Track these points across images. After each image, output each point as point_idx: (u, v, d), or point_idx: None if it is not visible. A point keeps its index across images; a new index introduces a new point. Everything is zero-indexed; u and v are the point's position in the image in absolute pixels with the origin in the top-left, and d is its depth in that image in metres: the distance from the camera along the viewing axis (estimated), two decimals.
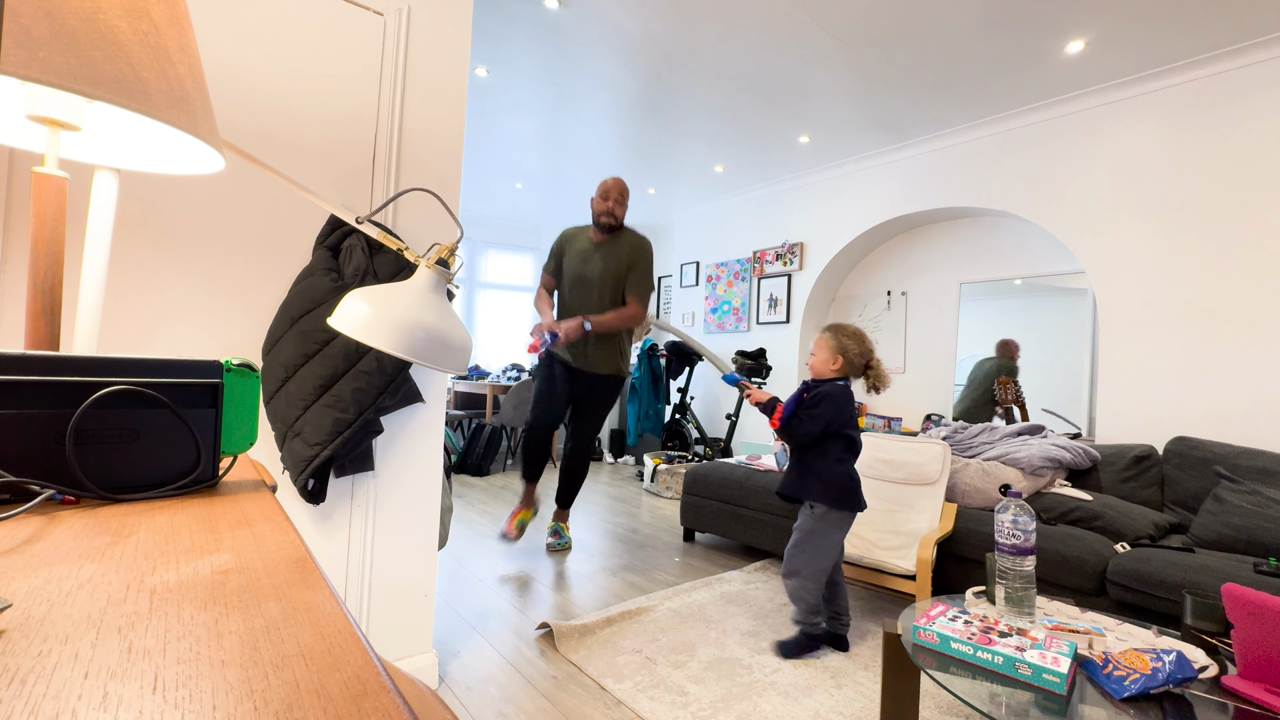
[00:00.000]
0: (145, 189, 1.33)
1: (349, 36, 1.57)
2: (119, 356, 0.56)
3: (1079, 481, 2.71)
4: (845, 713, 1.70)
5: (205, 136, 0.67)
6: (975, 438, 3.02)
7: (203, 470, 0.60)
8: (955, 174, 3.74)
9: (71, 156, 0.75)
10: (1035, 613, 1.41)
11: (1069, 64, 2.89)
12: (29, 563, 0.38)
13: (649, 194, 5.28)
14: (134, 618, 0.32)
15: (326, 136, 1.55)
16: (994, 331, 3.99)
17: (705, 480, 3.24)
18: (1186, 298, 2.82)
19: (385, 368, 1.37)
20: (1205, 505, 2.33)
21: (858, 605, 2.51)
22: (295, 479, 1.33)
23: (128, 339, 1.31)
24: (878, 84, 3.18)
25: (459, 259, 0.94)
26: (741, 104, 3.47)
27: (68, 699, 0.24)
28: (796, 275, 4.68)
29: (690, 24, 2.71)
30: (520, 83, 3.33)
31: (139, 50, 0.59)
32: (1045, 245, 3.61)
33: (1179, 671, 1.09)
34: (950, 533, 2.43)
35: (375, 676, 0.28)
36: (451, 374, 2.05)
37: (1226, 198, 2.72)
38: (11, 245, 1.19)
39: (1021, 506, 1.42)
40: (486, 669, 1.87)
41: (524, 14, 2.68)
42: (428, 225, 1.71)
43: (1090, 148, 3.17)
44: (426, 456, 1.72)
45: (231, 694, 0.25)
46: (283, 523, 0.51)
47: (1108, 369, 3.05)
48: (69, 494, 0.52)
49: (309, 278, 1.41)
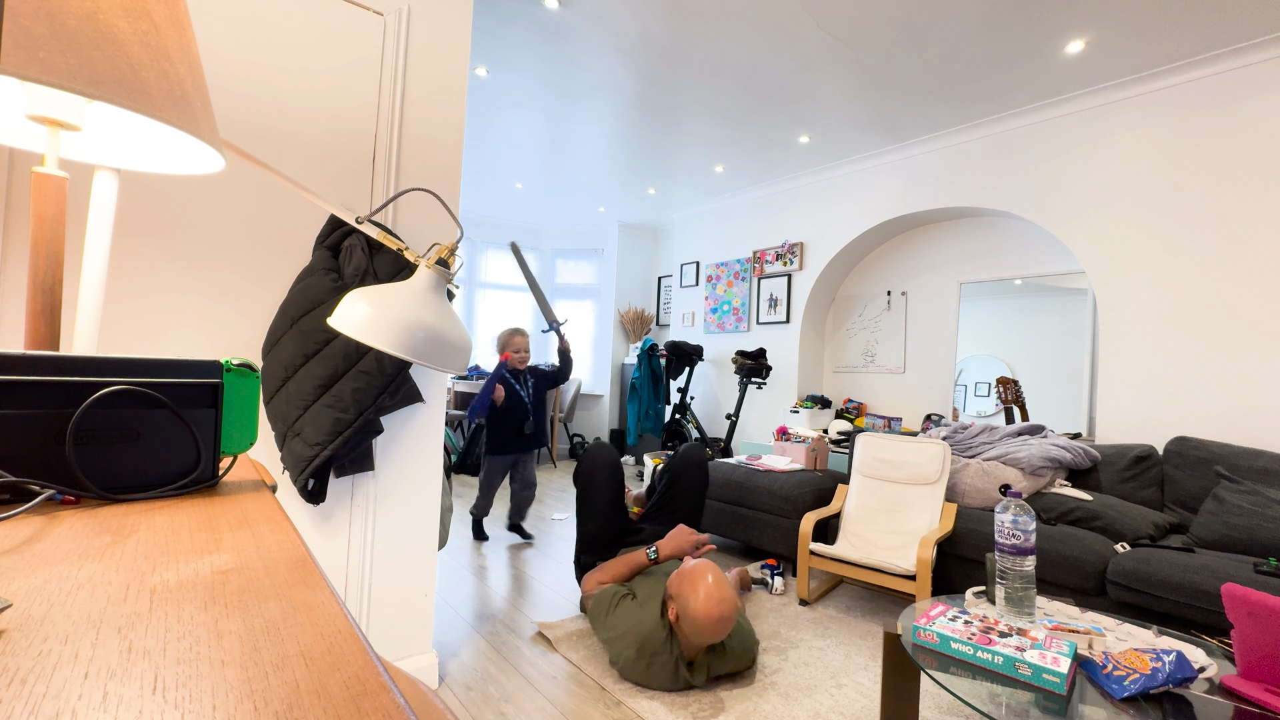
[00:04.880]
0: (145, 189, 1.33)
1: (349, 36, 1.57)
2: (119, 356, 0.56)
3: (1079, 481, 2.71)
4: (845, 713, 1.70)
5: (205, 136, 0.67)
6: (975, 438, 3.02)
7: (203, 470, 0.60)
8: (955, 174, 3.74)
9: (71, 156, 0.75)
10: (1035, 613, 1.41)
11: (1069, 64, 2.89)
12: (29, 563, 0.38)
13: (649, 194, 5.28)
14: (134, 618, 0.32)
15: (326, 136, 1.55)
16: (994, 331, 3.99)
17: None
18: (1186, 298, 2.82)
19: (385, 368, 1.37)
20: (1205, 505, 2.33)
21: (858, 605, 2.51)
22: (295, 479, 1.33)
23: (128, 339, 1.31)
24: (878, 84, 3.18)
25: (459, 259, 0.94)
26: (741, 104, 3.47)
27: (68, 699, 0.24)
28: (796, 275, 4.68)
29: (690, 24, 2.71)
30: (520, 83, 3.33)
31: (139, 50, 0.59)
32: (1045, 245, 3.61)
33: (1179, 671, 1.09)
34: (950, 533, 2.43)
35: (375, 676, 0.28)
36: (451, 374, 2.05)
37: (1227, 197, 2.72)
38: (11, 245, 1.19)
39: (1021, 506, 1.42)
40: (486, 669, 1.87)
41: (524, 14, 2.68)
42: (428, 225, 1.71)
43: (1090, 148, 3.17)
44: (426, 456, 1.72)
45: (231, 694, 0.25)
46: (283, 523, 0.51)
47: (1108, 369, 3.05)
48: (69, 494, 0.52)
49: (309, 278, 1.41)
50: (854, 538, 2.64)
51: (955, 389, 4.05)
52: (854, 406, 4.49)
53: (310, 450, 1.31)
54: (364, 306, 0.82)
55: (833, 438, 4.09)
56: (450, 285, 0.96)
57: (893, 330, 4.38)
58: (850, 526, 2.68)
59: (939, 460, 2.64)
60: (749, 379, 4.72)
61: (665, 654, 1.74)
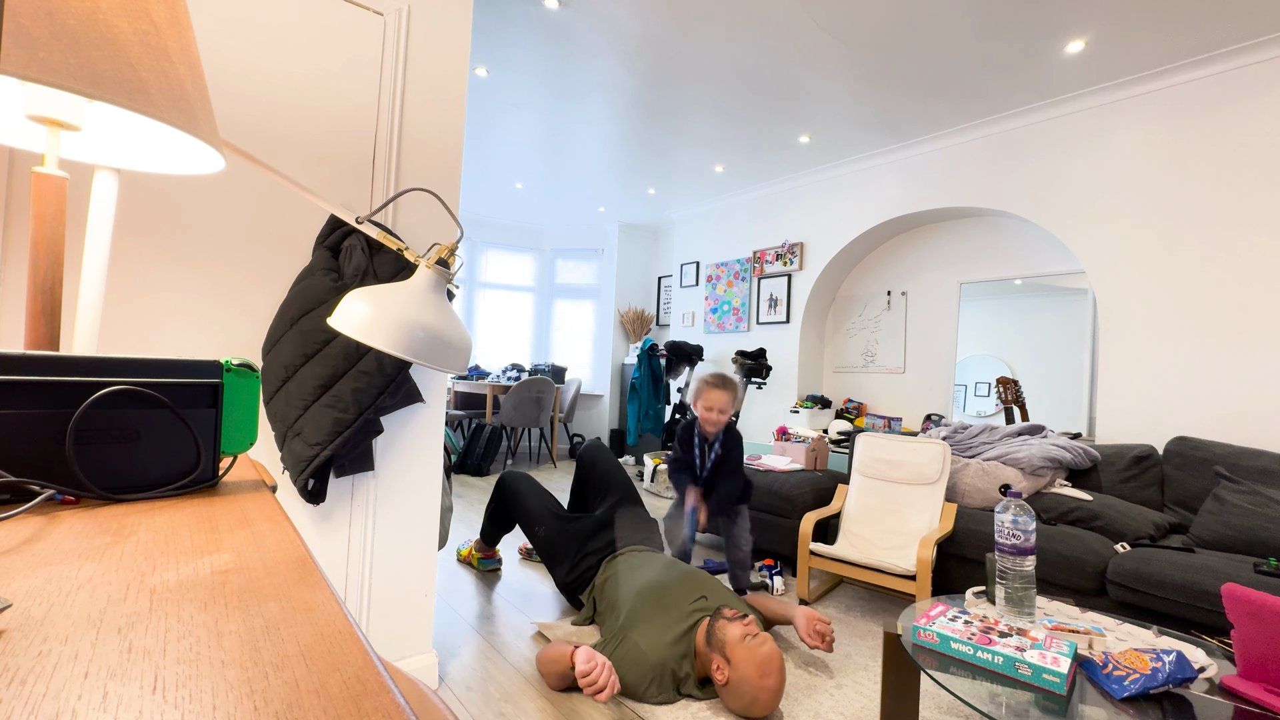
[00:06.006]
0: (145, 189, 1.33)
1: (349, 36, 1.57)
2: (119, 356, 0.56)
3: (1079, 481, 2.71)
4: (845, 713, 1.70)
5: (205, 136, 0.67)
6: (975, 438, 3.02)
7: (203, 470, 0.60)
8: (955, 174, 3.74)
9: (71, 156, 0.75)
10: (1035, 613, 1.41)
11: (1069, 64, 2.89)
12: (29, 563, 0.38)
13: (649, 194, 5.28)
14: (134, 618, 0.32)
15: (326, 136, 1.55)
16: (994, 331, 3.99)
17: None
18: (1186, 298, 2.82)
19: (385, 368, 1.37)
20: (1205, 505, 2.33)
21: (858, 605, 2.51)
22: (295, 479, 1.33)
23: (128, 339, 1.31)
24: (878, 84, 3.18)
25: (459, 259, 0.94)
26: (741, 104, 3.47)
27: (68, 699, 0.24)
28: (796, 275, 4.68)
29: (690, 24, 2.71)
30: (520, 83, 3.33)
31: (139, 50, 0.59)
32: (1045, 245, 3.61)
33: (1179, 671, 1.09)
34: (950, 533, 2.43)
35: (375, 676, 0.28)
36: (451, 374, 2.05)
37: (1227, 197, 2.72)
38: (11, 245, 1.19)
39: (1021, 506, 1.42)
40: (486, 669, 1.87)
41: (524, 14, 2.68)
42: (428, 225, 1.71)
43: (1090, 148, 3.17)
44: (426, 456, 1.72)
45: (231, 694, 0.25)
46: (283, 523, 0.51)
47: (1108, 369, 3.05)
48: (69, 494, 0.52)
49: (309, 278, 1.41)
50: (854, 538, 2.64)
51: (955, 389, 4.05)
52: (854, 406, 4.49)
53: (310, 450, 1.31)
54: (364, 306, 0.82)
55: (833, 438, 4.09)
56: (450, 285, 0.96)
57: (893, 330, 4.38)
58: (850, 526, 2.68)
59: (939, 460, 2.64)
60: (749, 379, 4.72)
61: (673, 679, 1.74)
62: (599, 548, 2.28)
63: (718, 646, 1.70)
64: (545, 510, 2.42)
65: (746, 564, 2.49)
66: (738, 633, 1.69)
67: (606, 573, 2.15)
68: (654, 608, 1.87)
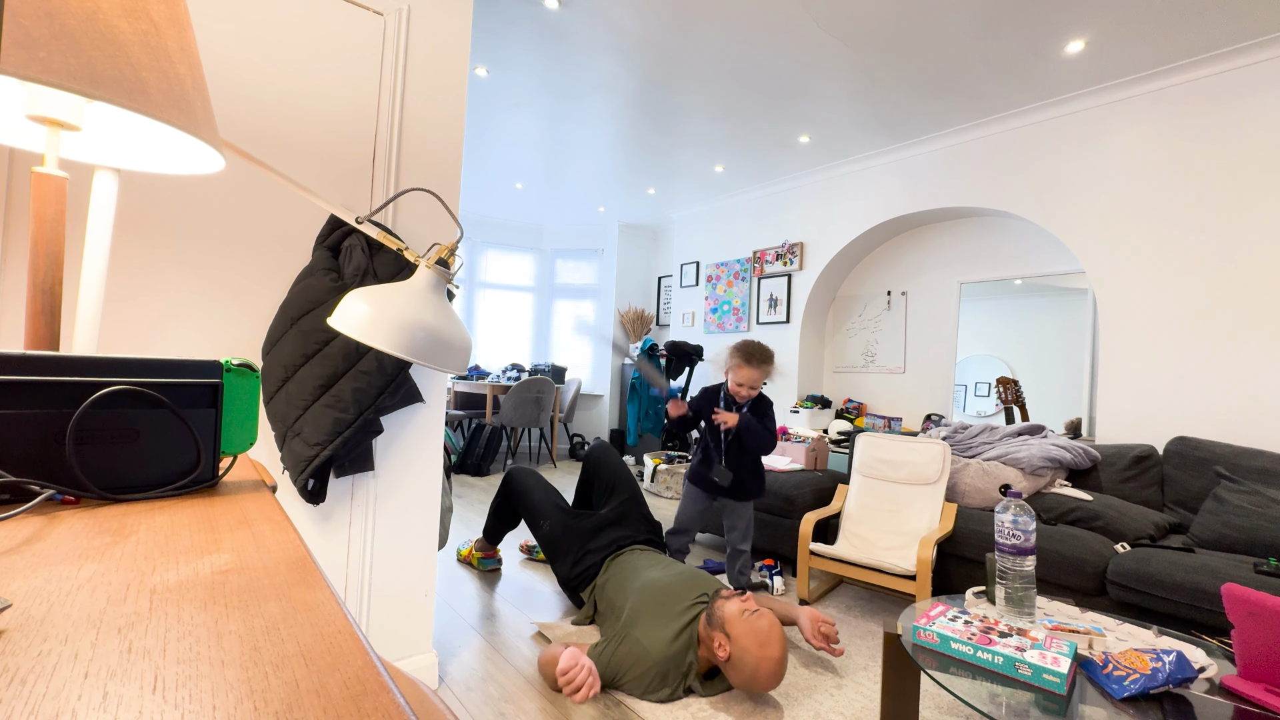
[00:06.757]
0: (145, 189, 1.33)
1: (349, 36, 1.57)
2: (119, 356, 0.56)
3: (1079, 481, 2.71)
4: (845, 713, 1.70)
5: (205, 136, 0.67)
6: (975, 438, 3.02)
7: (203, 470, 0.60)
8: (955, 174, 3.74)
9: (71, 156, 0.75)
10: (1035, 613, 1.41)
11: (1069, 64, 2.89)
12: (29, 563, 0.38)
13: (649, 194, 5.28)
14: (134, 618, 0.32)
15: (326, 136, 1.55)
16: (994, 331, 3.99)
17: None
18: (1186, 298, 2.82)
19: (385, 368, 1.37)
20: (1205, 505, 2.33)
21: (858, 605, 2.51)
22: (295, 479, 1.33)
23: (128, 339, 1.31)
24: (878, 84, 3.17)
25: (459, 259, 0.94)
26: (741, 104, 3.47)
27: (68, 699, 0.24)
28: (796, 275, 4.68)
29: (690, 24, 2.71)
30: (520, 83, 3.33)
31: (139, 50, 0.59)
32: (1045, 245, 3.61)
33: (1179, 671, 1.09)
34: (950, 533, 2.43)
35: (375, 676, 0.28)
36: (451, 374, 2.04)
37: (1227, 197, 2.72)
38: (11, 245, 1.19)
39: (1021, 506, 1.42)
40: (486, 669, 1.87)
41: (524, 14, 2.68)
42: (428, 225, 1.71)
43: (1090, 148, 3.16)
44: (426, 456, 1.72)
45: (231, 694, 0.25)
46: (283, 523, 0.51)
47: (1108, 369, 3.05)
48: (69, 494, 0.52)
49: (309, 278, 1.41)
50: (854, 538, 2.64)
51: (955, 389, 4.05)
52: (854, 406, 4.49)
53: (310, 450, 1.31)
54: (364, 306, 0.82)
55: (833, 438, 4.09)
56: (450, 285, 0.96)
57: (893, 330, 4.38)
58: (850, 526, 2.68)
59: (939, 460, 2.64)
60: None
61: (678, 671, 1.74)
62: (602, 545, 2.28)
63: (718, 624, 1.72)
64: (551, 505, 2.43)
65: (746, 564, 2.49)
66: (736, 608, 1.71)
67: (608, 572, 2.15)
68: (655, 606, 1.87)
